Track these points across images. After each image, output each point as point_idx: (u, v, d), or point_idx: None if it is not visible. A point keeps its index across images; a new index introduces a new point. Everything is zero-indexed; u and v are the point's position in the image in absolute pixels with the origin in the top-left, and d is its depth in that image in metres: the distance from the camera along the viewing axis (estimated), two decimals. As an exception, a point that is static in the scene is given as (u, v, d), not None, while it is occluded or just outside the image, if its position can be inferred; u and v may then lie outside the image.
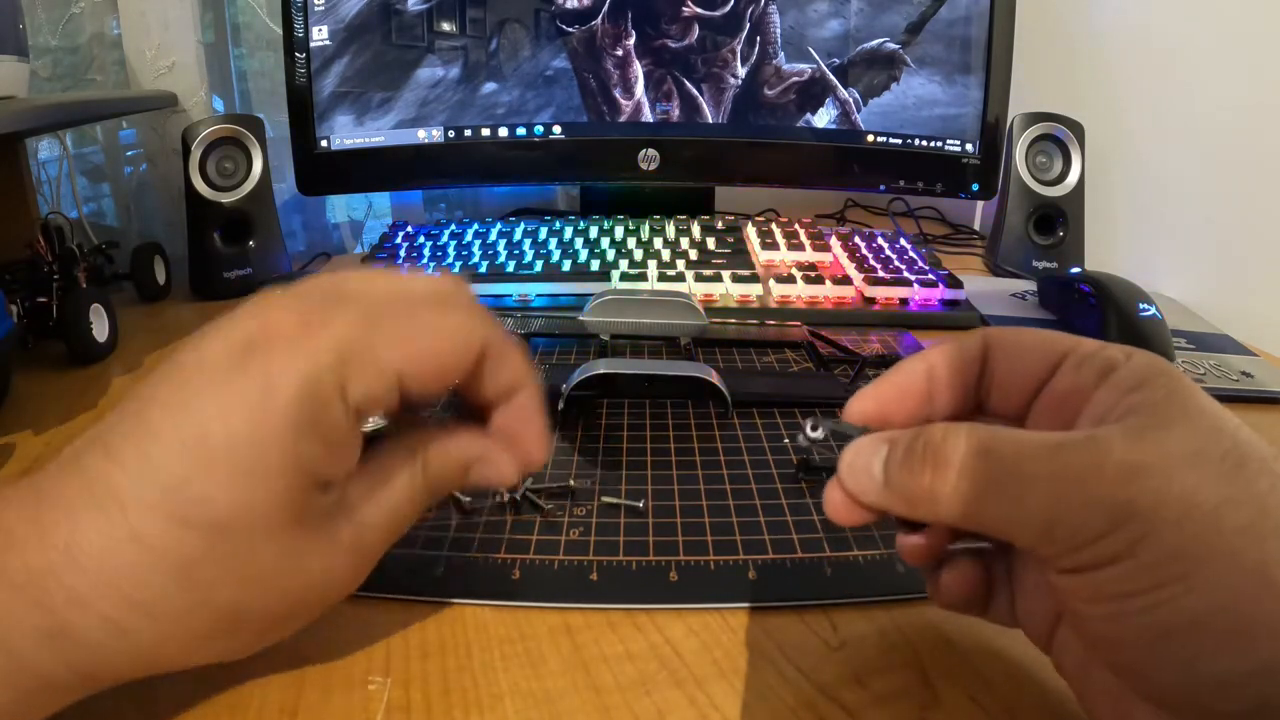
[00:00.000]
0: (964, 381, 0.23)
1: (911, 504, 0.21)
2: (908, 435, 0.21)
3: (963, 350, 0.23)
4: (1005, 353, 0.23)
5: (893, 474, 0.21)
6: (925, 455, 0.20)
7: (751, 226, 0.71)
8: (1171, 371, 0.20)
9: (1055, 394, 0.22)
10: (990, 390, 0.23)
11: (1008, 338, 0.23)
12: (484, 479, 0.26)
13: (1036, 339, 0.23)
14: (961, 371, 0.23)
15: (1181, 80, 0.66)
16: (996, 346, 0.23)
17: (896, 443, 0.21)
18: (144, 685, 0.25)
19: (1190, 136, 0.65)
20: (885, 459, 0.22)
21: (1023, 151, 0.71)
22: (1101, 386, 0.20)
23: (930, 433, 0.21)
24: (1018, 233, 0.71)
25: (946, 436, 0.20)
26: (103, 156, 0.77)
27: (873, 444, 0.22)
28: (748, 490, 0.35)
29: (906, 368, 0.24)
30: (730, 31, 0.71)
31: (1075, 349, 0.22)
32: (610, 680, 0.26)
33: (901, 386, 0.24)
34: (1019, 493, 0.19)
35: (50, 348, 0.51)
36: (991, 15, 0.70)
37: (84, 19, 0.72)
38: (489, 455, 0.26)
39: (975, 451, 0.19)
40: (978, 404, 0.24)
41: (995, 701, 0.25)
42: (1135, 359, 0.20)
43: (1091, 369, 0.21)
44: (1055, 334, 0.23)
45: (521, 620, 0.28)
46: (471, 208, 0.92)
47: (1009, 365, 0.23)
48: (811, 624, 0.28)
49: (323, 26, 0.68)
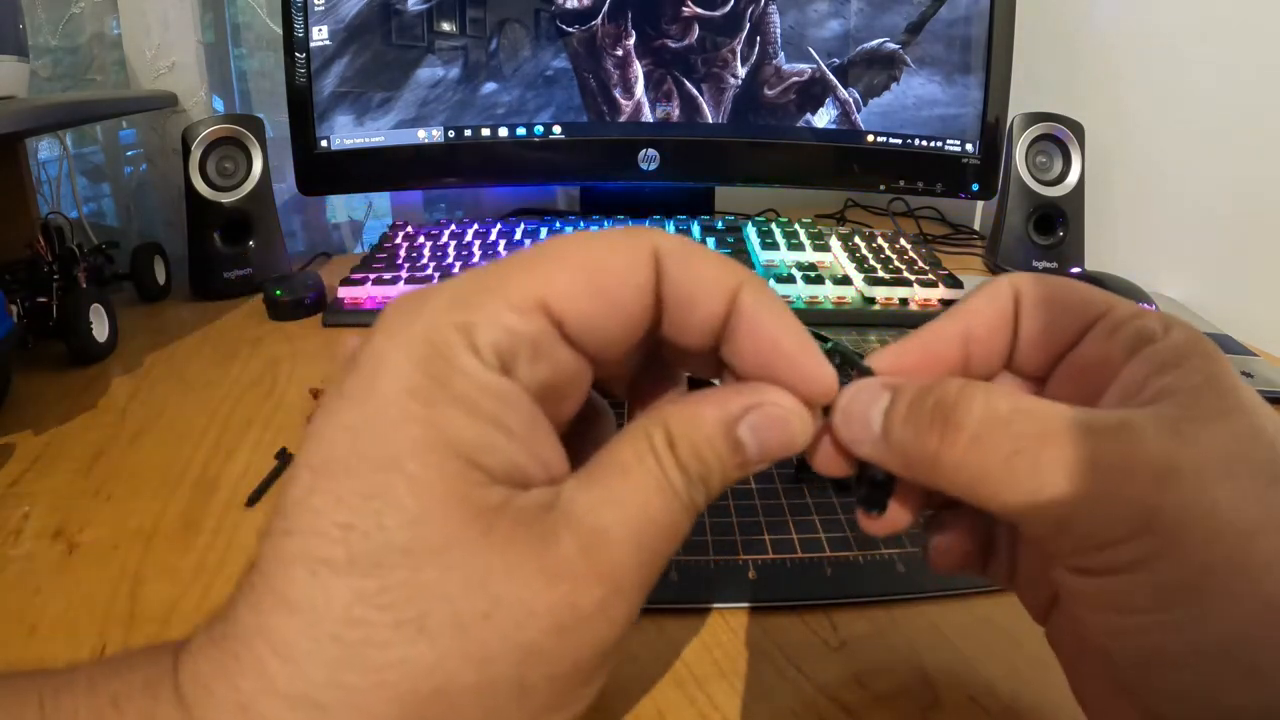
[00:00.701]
0: (1001, 348, 0.21)
1: (910, 465, 0.18)
2: (916, 386, 0.18)
3: (999, 310, 0.21)
4: (1034, 307, 0.20)
5: (894, 428, 0.18)
6: (935, 413, 0.17)
7: (751, 226, 0.71)
8: (1210, 352, 0.18)
9: (1082, 359, 0.19)
10: (1013, 347, 0.21)
11: (1037, 291, 0.20)
12: (767, 438, 0.18)
13: (1068, 295, 0.20)
14: (999, 335, 0.21)
15: (1181, 80, 0.66)
16: (1026, 299, 0.20)
17: (902, 392, 0.18)
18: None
19: (1190, 136, 0.65)
20: (887, 409, 0.18)
21: (1023, 151, 0.71)
22: (1134, 360, 0.18)
23: (944, 388, 0.18)
24: (1018, 233, 0.71)
25: (962, 396, 0.17)
26: (103, 156, 0.77)
27: (874, 389, 0.19)
28: (748, 490, 0.35)
29: (939, 330, 0.21)
30: (730, 31, 0.71)
31: (1109, 312, 0.19)
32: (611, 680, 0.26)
33: (931, 351, 0.21)
34: (1038, 476, 0.16)
35: (50, 348, 0.51)
36: (991, 15, 0.70)
37: (84, 19, 0.72)
38: (763, 401, 0.18)
39: (993, 419, 0.17)
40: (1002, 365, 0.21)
41: (995, 701, 0.25)
42: (1174, 333, 0.18)
43: (1125, 338, 0.18)
44: (1088, 290, 0.20)
45: (521, 620, 0.28)
46: (471, 208, 0.92)
47: (1036, 322, 0.20)
48: (811, 624, 0.28)
49: (323, 26, 0.68)
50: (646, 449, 0.17)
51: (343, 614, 0.14)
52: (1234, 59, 0.61)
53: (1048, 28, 0.78)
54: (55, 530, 0.34)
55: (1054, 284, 0.21)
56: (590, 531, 0.16)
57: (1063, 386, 0.20)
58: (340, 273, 0.62)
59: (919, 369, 0.20)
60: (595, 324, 0.17)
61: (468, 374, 0.15)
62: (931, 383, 0.18)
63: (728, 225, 0.71)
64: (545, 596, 0.15)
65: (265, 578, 0.15)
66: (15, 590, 0.30)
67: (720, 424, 0.17)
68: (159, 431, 0.43)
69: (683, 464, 0.17)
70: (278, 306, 0.60)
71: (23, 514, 0.35)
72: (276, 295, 0.60)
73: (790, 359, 0.18)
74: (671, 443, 0.17)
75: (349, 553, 0.14)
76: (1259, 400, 0.17)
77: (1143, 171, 0.71)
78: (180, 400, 0.47)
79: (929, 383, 0.18)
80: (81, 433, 0.42)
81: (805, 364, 0.18)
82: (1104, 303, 0.19)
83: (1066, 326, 0.20)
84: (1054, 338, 0.20)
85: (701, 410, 0.18)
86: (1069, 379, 0.20)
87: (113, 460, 0.40)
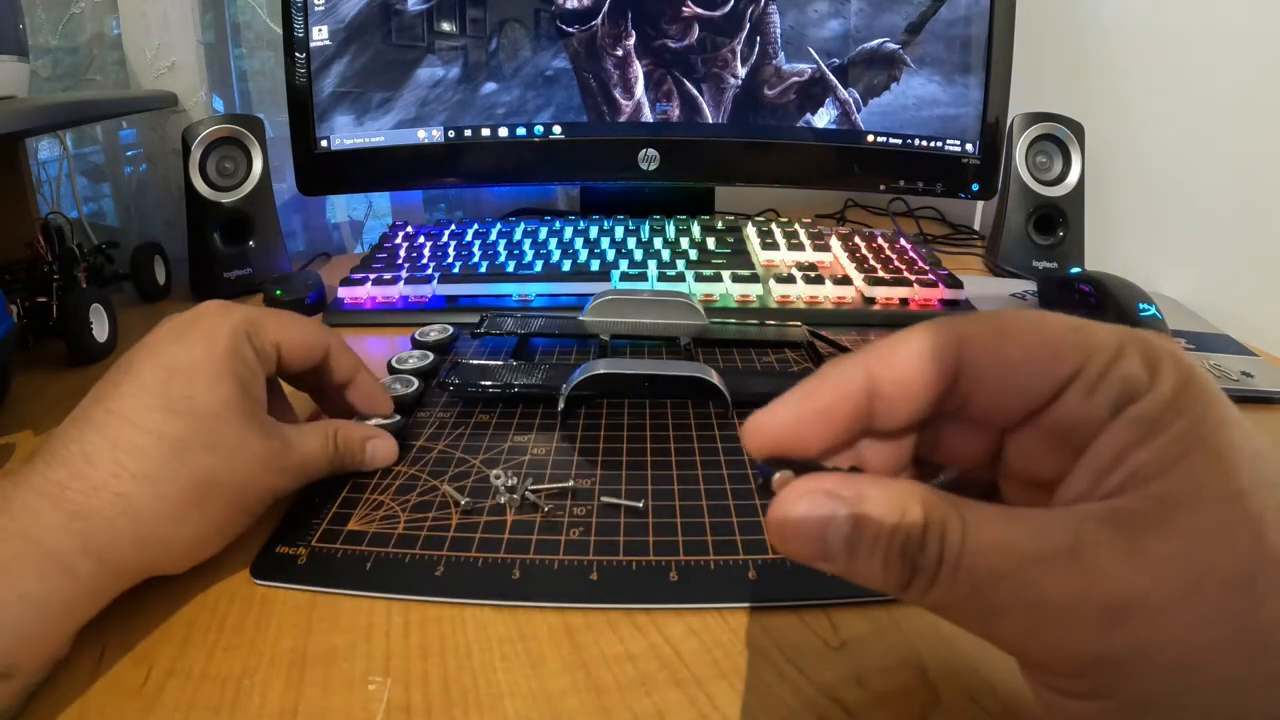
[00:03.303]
0: (918, 407, 0.19)
1: (869, 584, 0.17)
2: (876, 517, 0.17)
3: (922, 366, 0.19)
4: (988, 365, 0.18)
5: (859, 559, 0.17)
6: (904, 555, 0.17)
7: (751, 226, 0.71)
8: (1201, 403, 0.16)
9: (1057, 423, 0.18)
10: (966, 402, 0.19)
11: (991, 348, 0.18)
12: (377, 451, 0.36)
13: (1032, 349, 0.18)
14: (918, 396, 0.19)
15: (1182, 80, 0.66)
16: (976, 359, 0.18)
17: (865, 524, 0.17)
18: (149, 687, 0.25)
19: (1190, 136, 0.65)
20: (848, 537, 0.17)
21: (1023, 151, 0.71)
22: (1117, 420, 0.17)
23: (908, 525, 0.17)
24: (1018, 233, 0.71)
25: (928, 539, 0.16)
26: (103, 156, 0.77)
27: (824, 504, 0.17)
28: (748, 490, 0.35)
29: (838, 379, 0.19)
30: (730, 31, 0.71)
31: (1085, 366, 0.17)
32: (610, 680, 0.26)
33: (828, 408, 0.19)
34: (990, 618, 0.16)
35: (50, 348, 0.51)
36: (991, 15, 0.70)
37: (84, 19, 0.72)
38: (379, 437, 0.37)
39: (951, 564, 0.16)
40: (940, 412, 0.20)
41: (995, 701, 0.25)
42: (1162, 380, 0.16)
43: (1107, 394, 0.17)
44: (1057, 335, 0.18)
45: (521, 620, 0.28)
46: (471, 208, 0.92)
47: (994, 383, 0.18)
48: (811, 624, 0.28)
49: (323, 26, 0.68)
50: (324, 430, 0.34)
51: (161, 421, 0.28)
52: (1234, 59, 0.61)
53: (1048, 28, 0.78)
54: (55, 530, 0.34)
55: (1007, 331, 0.18)
56: (287, 439, 0.32)
57: (1032, 450, 0.19)
58: (340, 273, 0.62)
59: (812, 424, 0.19)
60: (296, 359, 0.35)
61: (249, 356, 0.31)
62: (893, 512, 0.17)
63: (728, 225, 0.71)
64: (261, 452, 0.30)
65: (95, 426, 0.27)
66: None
67: (360, 439, 0.36)
68: (159, 431, 0.43)
69: (340, 445, 0.35)
70: (277, 306, 0.60)
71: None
72: (276, 295, 0.60)
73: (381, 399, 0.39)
74: (338, 433, 0.35)
75: (171, 409, 0.28)
76: (1249, 458, 0.16)
77: (1143, 171, 0.71)
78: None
79: (890, 509, 0.17)
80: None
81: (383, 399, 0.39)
82: (1079, 353, 0.17)
83: (1031, 386, 0.18)
84: (1017, 399, 0.18)
85: (354, 429, 0.36)
86: (1041, 441, 0.18)
87: (113, 460, 0.40)
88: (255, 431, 0.30)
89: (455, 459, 0.38)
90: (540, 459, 0.38)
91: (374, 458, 0.36)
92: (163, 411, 0.28)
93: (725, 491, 0.35)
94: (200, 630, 0.28)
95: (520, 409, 0.43)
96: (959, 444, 0.21)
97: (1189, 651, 0.15)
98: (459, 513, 0.34)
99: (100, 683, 0.25)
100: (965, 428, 0.20)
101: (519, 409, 0.43)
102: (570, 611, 0.28)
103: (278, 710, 0.24)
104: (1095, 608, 0.15)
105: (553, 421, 0.41)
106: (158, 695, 0.25)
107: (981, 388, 0.19)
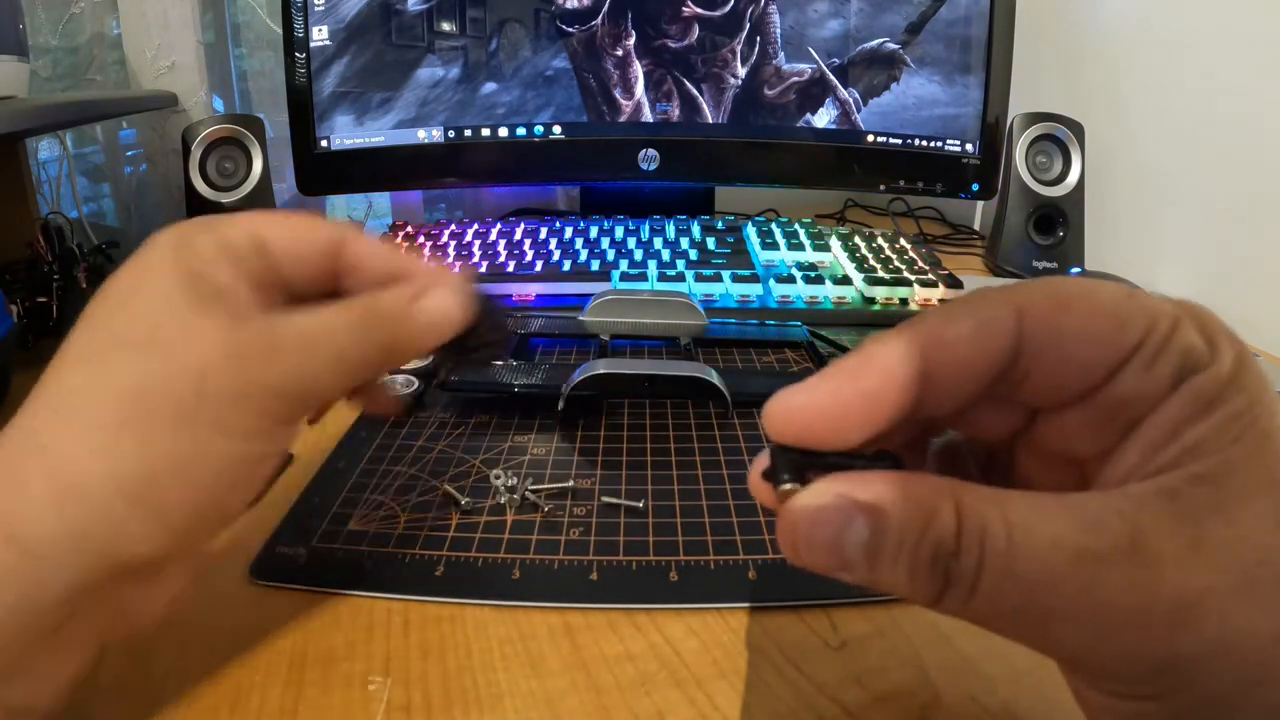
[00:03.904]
0: (971, 394, 0.17)
1: (897, 594, 0.16)
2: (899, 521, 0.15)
3: (981, 346, 0.16)
4: (1047, 340, 0.16)
5: (882, 568, 0.16)
6: (935, 563, 0.15)
7: (751, 226, 0.71)
8: (1256, 383, 0.15)
9: (1114, 397, 0.16)
10: (1021, 383, 0.17)
11: (1051, 320, 0.16)
12: (430, 306, 0.24)
13: (1092, 319, 0.16)
14: (975, 380, 0.16)
15: (1182, 80, 0.66)
16: (1035, 333, 0.16)
17: (886, 530, 0.15)
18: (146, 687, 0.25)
19: (1190, 136, 0.65)
20: (867, 545, 0.15)
21: (1023, 151, 0.71)
22: (1177, 394, 0.15)
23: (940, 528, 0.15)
24: (1018, 233, 0.71)
25: (964, 544, 0.15)
26: (103, 156, 0.77)
27: (840, 512, 0.16)
28: (748, 490, 0.35)
29: (885, 358, 0.16)
30: (730, 31, 0.71)
31: (1148, 336, 0.16)
32: (610, 680, 0.26)
33: (873, 392, 0.16)
34: (1046, 628, 0.15)
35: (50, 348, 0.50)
36: (991, 15, 0.70)
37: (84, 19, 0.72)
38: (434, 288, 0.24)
39: (996, 570, 0.15)
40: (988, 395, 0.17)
41: (995, 701, 0.25)
42: (1221, 359, 0.15)
43: (1167, 366, 0.15)
44: (1115, 302, 0.16)
45: (521, 620, 0.28)
46: (471, 208, 0.92)
47: (1054, 359, 0.16)
48: (811, 624, 0.28)
49: (323, 26, 0.68)
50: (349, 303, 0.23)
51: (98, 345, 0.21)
52: (1234, 59, 0.61)
53: (1048, 28, 0.78)
54: (55, 530, 0.34)
55: (1069, 303, 0.16)
56: (273, 326, 0.21)
57: (1082, 424, 0.17)
58: (340, 273, 0.62)
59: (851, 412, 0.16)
60: (292, 257, 0.23)
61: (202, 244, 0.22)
62: (919, 516, 0.15)
63: (728, 225, 0.71)
64: (225, 339, 0.21)
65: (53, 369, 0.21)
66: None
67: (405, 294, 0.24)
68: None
69: (376, 311, 0.23)
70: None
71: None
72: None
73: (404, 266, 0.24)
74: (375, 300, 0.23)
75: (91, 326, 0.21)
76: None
77: (1143, 171, 0.71)
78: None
79: (914, 514, 0.15)
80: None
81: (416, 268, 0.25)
82: (1141, 320, 0.16)
83: (1091, 362, 0.16)
84: (1075, 378, 0.16)
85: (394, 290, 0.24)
86: (1090, 414, 0.17)
87: (113, 460, 0.40)
88: (212, 317, 0.21)
89: (455, 459, 0.38)
90: (540, 459, 0.38)
91: (429, 317, 0.24)
92: (82, 332, 0.21)
93: (725, 491, 0.35)
94: (200, 630, 0.28)
95: (520, 409, 0.43)
96: (988, 423, 0.19)
97: (1253, 645, 0.14)
98: (459, 513, 0.34)
99: (100, 682, 0.25)
100: (1002, 405, 0.18)
101: (519, 409, 0.43)
102: (570, 611, 0.28)
103: (277, 710, 0.24)
104: (1162, 608, 0.14)
105: (553, 421, 0.41)
106: (158, 695, 0.25)
107: (1040, 365, 0.16)
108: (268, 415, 0.21)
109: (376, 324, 0.23)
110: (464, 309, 0.24)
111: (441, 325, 0.24)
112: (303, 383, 0.22)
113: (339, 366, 0.22)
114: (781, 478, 0.17)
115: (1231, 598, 0.14)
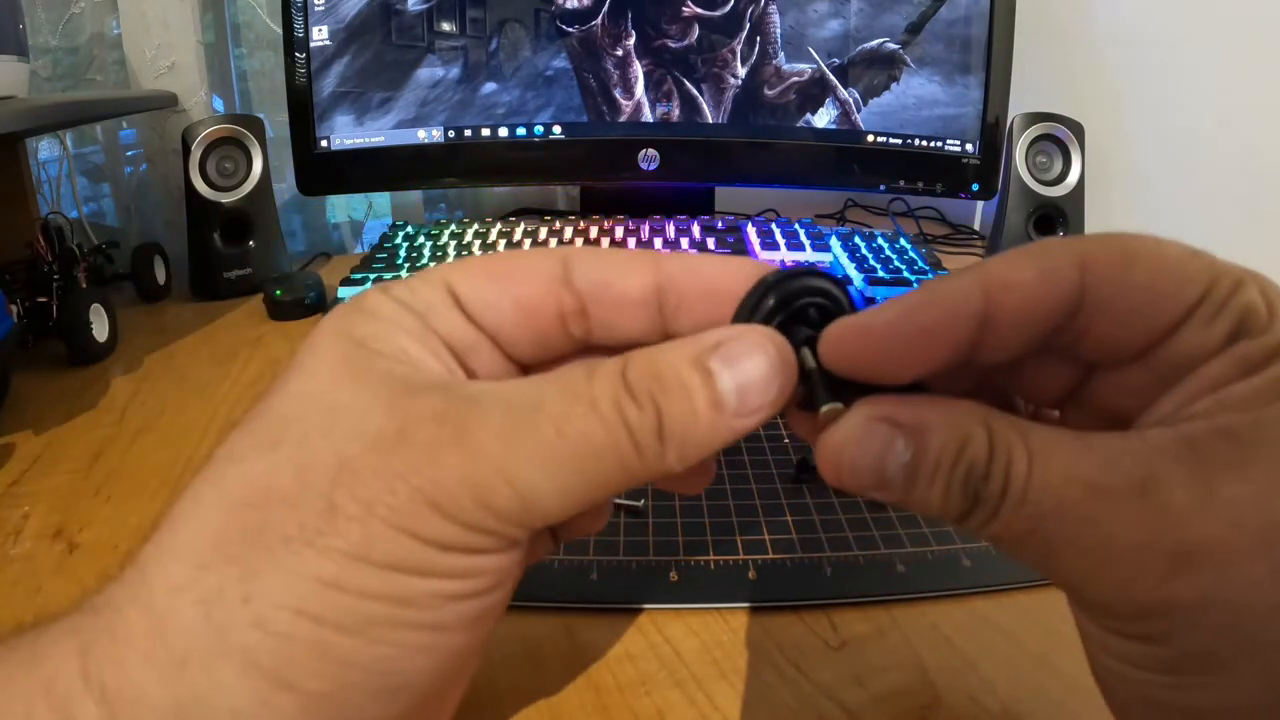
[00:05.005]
0: (1030, 341, 0.16)
1: (924, 512, 0.16)
2: (938, 443, 0.16)
3: (1046, 291, 0.16)
4: (1112, 293, 0.16)
5: (918, 488, 0.16)
6: (966, 484, 0.15)
7: (751, 226, 0.71)
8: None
9: (1173, 354, 0.16)
10: (1081, 335, 0.16)
11: (1117, 273, 0.16)
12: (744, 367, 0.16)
13: (1159, 273, 0.16)
14: (1036, 327, 0.16)
15: (1181, 80, 0.66)
16: (1099, 286, 0.16)
17: (925, 451, 0.16)
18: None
19: (1190, 137, 0.65)
20: (908, 466, 0.16)
21: (1023, 151, 0.71)
22: (1227, 353, 0.15)
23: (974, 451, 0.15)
24: (1018, 233, 0.71)
25: (993, 468, 0.15)
26: (103, 156, 0.77)
27: (879, 436, 0.16)
28: (748, 490, 0.35)
29: (949, 296, 0.16)
30: (730, 31, 0.71)
31: (1210, 293, 0.15)
32: (610, 680, 0.26)
33: (933, 327, 0.16)
34: (1052, 552, 0.15)
35: (50, 348, 0.51)
36: (991, 15, 0.70)
37: (84, 19, 0.72)
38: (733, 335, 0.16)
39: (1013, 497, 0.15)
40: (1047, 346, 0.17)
41: (995, 701, 0.25)
42: (1278, 326, 0.15)
43: (1225, 324, 0.15)
44: (1180, 258, 0.16)
45: (521, 620, 0.28)
46: (471, 208, 0.92)
47: (1118, 313, 0.16)
48: (811, 624, 0.28)
49: (323, 26, 0.68)
50: (585, 368, 0.16)
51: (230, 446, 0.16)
52: (1234, 59, 0.61)
53: (1048, 28, 0.78)
54: (55, 530, 0.34)
55: (1141, 258, 0.16)
56: (464, 396, 0.16)
57: (1132, 379, 0.17)
58: (340, 273, 0.62)
59: (914, 348, 0.16)
60: (504, 315, 0.18)
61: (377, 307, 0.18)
62: (956, 438, 0.15)
63: (728, 225, 0.71)
64: (378, 419, 0.16)
65: None
66: (15, 590, 0.30)
67: (688, 353, 0.16)
68: (159, 431, 0.43)
69: (629, 382, 0.16)
70: (278, 306, 0.60)
71: (23, 514, 0.35)
72: (276, 295, 0.60)
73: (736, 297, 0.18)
74: (625, 365, 0.16)
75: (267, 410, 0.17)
76: None
77: (1143, 172, 0.71)
78: (180, 400, 0.46)
79: (952, 437, 0.15)
80: (81, 433, 0.42)
81: None
82: (1205, 275, 0.15)
83: (1152, 317, 0.16)
84: (1136, 333, 0.16)
85: (665, 346, 0.17)
86: (1147, 371, 0.16)
87: (113, 460, 0.40)
88: (367, 391, 0.16)
89: (455, 459, 0.38)
90: (540, 459, 0.38)
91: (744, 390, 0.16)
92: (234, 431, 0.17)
93: (725, 491, 0.35)
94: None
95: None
96: (1043, 378, 0.18)
97: (1253, 607, 0.14)
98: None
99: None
100: (1057, 361, 0.18)
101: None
102: (570, 611, 0.28)
103: (278, 710, 0.24)
104: (1162, 550, 0.14)
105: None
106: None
107: (1102, 318, 0.16)
108: (453, 528, 0.15)
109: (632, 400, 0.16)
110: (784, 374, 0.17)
111: (757, 408, 0.16)
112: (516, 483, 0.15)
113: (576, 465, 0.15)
114: (823, 399, 0.17)
115: (1235, 554, 0.14)
